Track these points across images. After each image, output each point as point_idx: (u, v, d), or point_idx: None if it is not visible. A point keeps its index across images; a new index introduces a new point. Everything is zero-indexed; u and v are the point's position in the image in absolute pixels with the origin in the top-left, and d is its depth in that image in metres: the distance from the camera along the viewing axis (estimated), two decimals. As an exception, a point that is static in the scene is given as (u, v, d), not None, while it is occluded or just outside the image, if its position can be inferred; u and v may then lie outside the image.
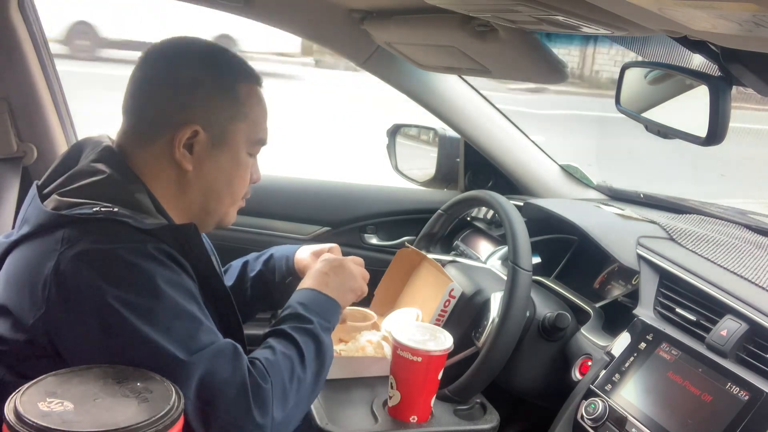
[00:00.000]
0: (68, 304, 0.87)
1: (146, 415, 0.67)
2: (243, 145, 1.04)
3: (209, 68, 1.03)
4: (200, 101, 1.01)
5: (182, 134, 0.99)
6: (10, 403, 0.66)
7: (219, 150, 1.02)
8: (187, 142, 1.00)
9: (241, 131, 1.03)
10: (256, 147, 1.08)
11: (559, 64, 1.21)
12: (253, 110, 1.05)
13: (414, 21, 1.29)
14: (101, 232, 0.90)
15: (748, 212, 1.52)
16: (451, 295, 1.33)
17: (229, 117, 1.02)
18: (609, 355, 1.16)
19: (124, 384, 0.72)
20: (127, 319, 0.86)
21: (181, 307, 0.90)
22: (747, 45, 0.73)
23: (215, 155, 1.02)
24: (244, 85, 1.04)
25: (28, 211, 0.97)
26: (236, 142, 1.03)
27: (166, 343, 0.86)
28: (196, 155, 1.01)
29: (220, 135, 1.02)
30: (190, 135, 1.00)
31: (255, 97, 1.05)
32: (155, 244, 0.91)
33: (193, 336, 0.89)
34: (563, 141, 4.75)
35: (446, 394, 1.21)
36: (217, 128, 1.01)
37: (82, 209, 0.92)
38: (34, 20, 1.59)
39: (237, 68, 1.05)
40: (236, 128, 1.03)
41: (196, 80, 1.01)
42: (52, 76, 1.65)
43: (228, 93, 1.02)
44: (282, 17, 1.56)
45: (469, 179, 1.93)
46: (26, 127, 1.60)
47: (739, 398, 0.95)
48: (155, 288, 0.88)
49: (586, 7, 0.73)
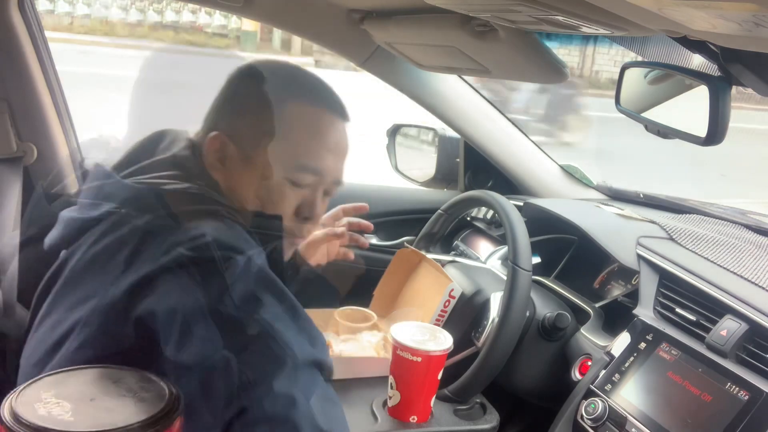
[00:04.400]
0: (141, 259, 0.83)
1: (144, 415, 0.67)
2: (277, 168, 0.97)
3: (259, 85, 0.99)
4: (237, 114, 0.98)
5: (210, 143, 0.96)
6: (7, 403, 0.66)
7: (249, 166, 0.96)
8: (219, 153, 0.96)
9: (275, 152, 0.96)
10: (298, 174, 0.97)
11: (559, 64, 1.21)
12: (298, 131, 0.97)
13: (414, 21, 1.29)
14: (190, 201, 0.89)
15: (748, 212, 1.52)
16: (450, 295, 1.33)
17: (263, 134, 0.96)
18: (609, 355, 1.16)
19: (121, 384, 0.72)
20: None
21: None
22: (747, 45, 0.73)
23: (245, 171, 0.97)
24: (297, 104, 0.97)
25: (108, 188, 0.92)
26: (266, 162, 0.96)
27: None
28: (227, 168, 0.97)
29: (251, 151, 0.96)
30: (218, 146, 0.96)
31: (306, 119, 0.98)
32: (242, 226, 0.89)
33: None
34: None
35: (446, 394, 1.21)
36: (248, 143, 0.96)
37: (173, 185, 0.90)
38: (34, 20, 1.59)
39: (296, 89, 1.00)
40: (268, 147, 0.96)
41: (241, 93, 0.99)
42: (52, 76, 1.65)
43: (268, 110, 0.96)
44: (281, 17, 1.55)
45: (469, 179, 1.93)
46: (26, 127, 1.60)
47: (739, 398, 0.95)
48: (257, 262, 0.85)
49: (586, 7, 0.72)
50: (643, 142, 2.67)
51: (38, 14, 1.62)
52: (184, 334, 0.80)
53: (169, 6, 12.23)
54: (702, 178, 6.68)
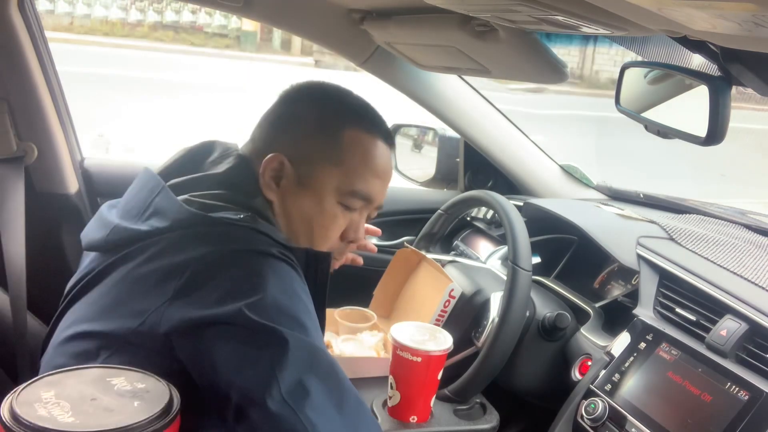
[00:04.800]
0: (192, 296, 0.82)
1: (143, 415, 0.67)
2: (331, 192, 0.99)
3: (318, 108, 1.01)
4: (296, 137, 0.99)
5: (268, 161, 0.97)
6: (6, 404, 0.66)
7: (304, 189, 0.98)
8: (276, 174, 0.98)
9: (331, 176, 0.98)
10: (351, 199, 1.00)
11: (559, 64, 1.21)
12: (353, 158, 0.99)
13: (414, 21, 1.29)
14: (245, 237, 0.87)
15: (748, 212, 1.52)
16: (450, 295, 1.33)
17: (320, 158, 0.98)
18: (609, 355, 1.16)
19: (121, 384, 0.72)
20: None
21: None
22: (747, 45, 0.73)
23: (299, 194, 0.98)
24: (352, 131, 1.00)
25: (159, 202, 0.91)
26: (323, 186, 0.98)
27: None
28: (282, 188, 0.98)
29: (307, 174, 0.98)
30: (276, 166, 0.97)
31: (361, 146, 1.00)
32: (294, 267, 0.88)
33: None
34: (563, 141, 4.75)
35: (446, 394, 1.21)
36: (305, 167, 0.98)
37: (227, 213, 0.89)
38: (34, 20, 1.59)
39: (351, 114, 1.02)
40: (326, 172, 0.98)
41: (300, 117, 1.00)
42: (52, 76, 1.65)
43: (327, 135, 0.99)
44: (281, 17, 1.56)
45: (469, 179, 1.93)
46: (26, 127, 1.60)
47: (738, 398, 0.95)
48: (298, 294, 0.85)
49: (586, 7, 0.72)
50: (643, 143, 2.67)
51: (38, 14, 1.62)
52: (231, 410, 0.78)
53: (169, 6, 12.24)
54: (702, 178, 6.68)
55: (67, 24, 11.80)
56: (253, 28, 12.60)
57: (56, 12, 11.77)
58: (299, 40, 11.12)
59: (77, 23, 12.00)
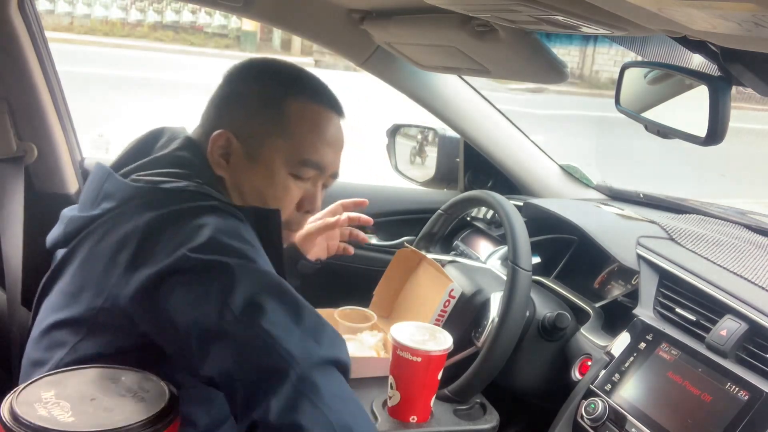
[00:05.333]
0: (142, 262, 0.84)
1: (143, 415, 0.67)
2: (281, 164, 1.00)
3: (260, 83, 1.02)
4: (240, 113, 1.00)
5: (215, 140, 0.99)
6: (6, 404, 0.66)
7: (253, 163, 1.00)
8: (223, 151, 0.99)
9: (278, 148, 0.99)
10: (302, 169, 1.01)
11: (559, 64, 1.21)
12: (299, 128, 1.00)
13: (414, 21, 1.29)
14: (188, 197, 0.90)
15: (748, 212, 1.52)
16: (450, 295, 1.33)
17: (266, 131, 0.99)
18: (609, 355, 1.16)
19: (121, 384, 0.72)
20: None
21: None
22: (747, 45, 0.73)
23: (250, 168, 1.00)
24: (297, 101, 1.01)
25: (107, 187, 0.94)
26: (271, 159, 1.00)
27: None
28: (232, 165, 1.00)
29: (255, 148, 0.99)
30: (223, 143, 0.99)
31: (306, 116, 1.01)
32: (242, 229, 0.89)
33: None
34: (563, 141, 4.75)
35: (446, 394, 1.21)
36: (252, 141, 0.99)
37: (172, 184, 0.92)
38: (34, 20, 1.59)
39: (294, 85, 1.02)
40: (273, 144, 0.99)
41: (243, 93, 1.02)
42: (52, 76, 1.65)
43: (271, 107, 1.00)
44: (281, 17, 1.56)
45: (468, 179, 1.92)
46: (26, 127, 1.60)
47: (738, 398, 0.95)
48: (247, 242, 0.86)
49: (586, 7, 0.72)
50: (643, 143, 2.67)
51: (38, 14, 1.62)
52: (193, 347, 0.80)
53: (169, 6, 12.24)
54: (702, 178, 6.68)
55: (67, 24, 11.80)
56: (253, 28, 12.61)
57: (56, 12, 11.78)
58: (299, 40, 11.13)
59: (77, 23, 12.00)
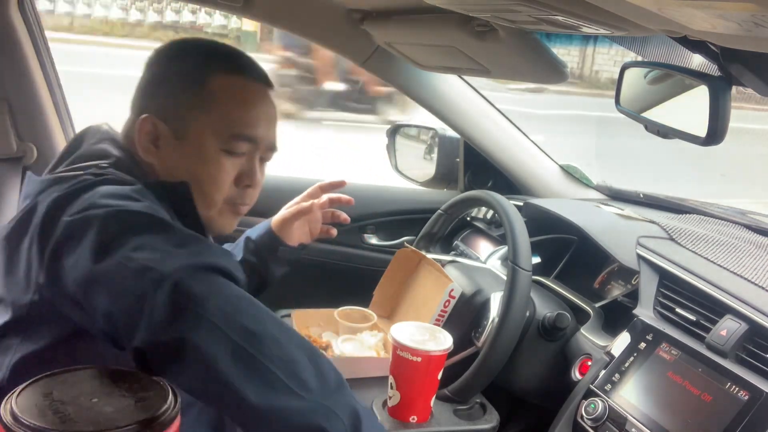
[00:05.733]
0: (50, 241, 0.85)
1: (143, 415, 0.67)
2: (210, 140, 0.99)
3: (179, 63, 1.02)
4: (163, 94, 1.00)
5: (141, 125, 0.99)
6: (7, 404, 0.66)
7: (183, 143, 1.00)
8: (151, 135, 0.99)
9: (205, 124, 0.99)
10: (233, 143, 1.00)
11: (559, 64, 1.21)
12: (225, 102, 0.99)
13: (414, 21, 1.29)
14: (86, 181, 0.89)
15: (748, 212, 1.52)
16: (450, 295, 1.33)
17: (189, 108, 0.99)
18: (609, 355, 1.16)
19: (121, 384, 0.72)
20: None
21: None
22: (747, 45, 0.73)
23: (180, 150, 1.00)
24: (220, 76, 1.00)
25: (25, 189, 0.96)
26: (200, 136, 0.99)
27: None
28: (161, 149, 1.00)
29: (183, 128, 0.99)
30: (149, 128, 0.99)
31: (231, 90, 1.00)
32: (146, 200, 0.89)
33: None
34: (563, 141, 4.75)
35: (446, 394, 1.21)
36: (179, 122, 0.99)
37: (74, 173, 0.92)
38: (34, 20, 1.59)
39: (215, 60, 1.02)
40: (200, 121, 0.99)
41: (163, 76, 1.01)
42: (52, 76, 1.65)
43: (193, 85, 0.99)
44: (281, 17, 1.56)
45: (469, 179, 1.92)
46: (26, 127, 1.60)
47: (739, 398, 0.95)
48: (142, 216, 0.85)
49: (586, 7, 0.73)
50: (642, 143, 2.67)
51: (38, 14, 1.62)
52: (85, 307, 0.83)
53: (169, 6, 12.21)
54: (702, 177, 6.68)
55: (67, 24, 11.79)
56: (253, 28, 12.58)
57: (56, 12, 11.76)
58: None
59: (77, 23, 11.98)
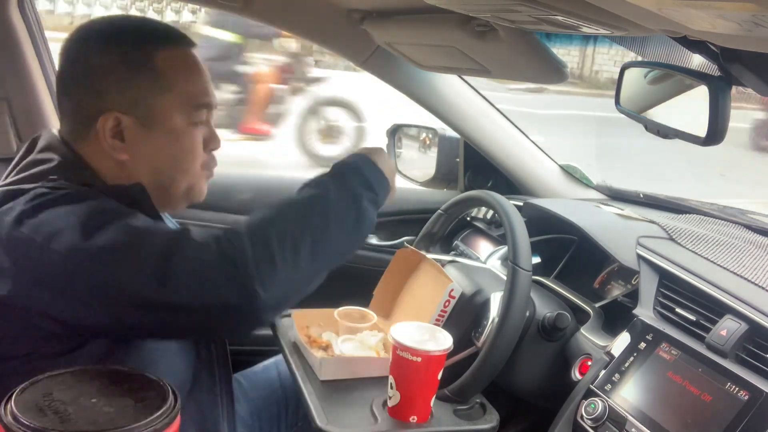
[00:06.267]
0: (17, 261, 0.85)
1: (143, 415, 0.67)
2: (178, 117, 0.97)
3: (117, 47, 0.96)
4: (114, 85, 0.95)
5: (104, 124, 0.95)
6: (7, 404, 0.66)
7: (152, 130, 0.97)
8: (115, 130, 0.95)
9: (170, 104, 0.97)
10: (197, 114, 0.99)
11: (559, 64, 1.21)
12: (179, 77, 0.98)
13: (414, 21, 1.29)
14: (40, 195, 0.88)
15: (748, 212, 1.52)
16: (450, 295, 1.33)
17: (150, 92, 0.96)
18: (609, 355, 1.16)
19: (121, 384, 0.72)
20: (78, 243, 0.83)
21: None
22: (747, 45, 0.73)
23: (150, 137, 0.97)
24: (162, 53, 0.97)
25: None
26: (169, 117, 0.97)
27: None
28: (129, 142, 0.96)
29: (148, 114, 0.96)
30: (113, 123, 0.95)
31: (178, 62, 0.98)
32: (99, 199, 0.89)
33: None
34: (563, 141, 4.75)
35: (446, 394, 1.21)
36: (141, 109, 0.96)
37: (24, 185, 0.90)
38: (34, 20, 1.59)
39: (149, 38, 0.98)
40: (163, 102, 0.96)
41: (105, 64, 0.96)
42: (52, 76, 1.65)
43: (142, 67, 0.96)
44: (281, 17, 1.56)
45: (468, 179, 1.92)
46: (26, 127, 1.60)
47: (738, 398, 0.95)
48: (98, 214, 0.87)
49: (586, 7, 0.73)
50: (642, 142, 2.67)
51: (38, 14, 1.62)
52: None
53: (169, 6, 12.20)
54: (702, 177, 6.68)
55: (67, 24, 11.78)
56: (253, 28, 12.58)
57: (56, 12, 11.76)
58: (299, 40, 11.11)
59: (77, 23, 11.98)
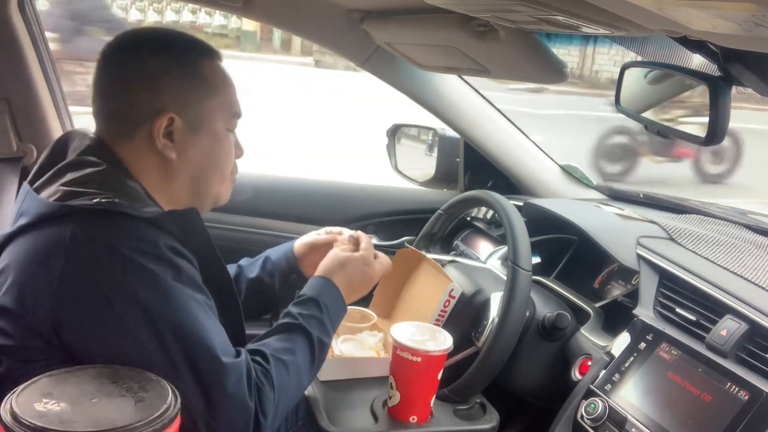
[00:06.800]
0: (79, 301, 0.87)
1: (143, 415, 0.67)
2: (220, 123, 1.04)
3: (169, 51, 1.02)
4: (168, 87, 1.00)
5: (159, 124, 0.99)
6: (6, 404, 0.66)
7: (198, 133, 1.02)
8: (165, 131, 1.00)
9: (214, 109, 1.03)
10: (232, 121, 1.07)
11: (559, 64, 1.21)
12: (221, 85, 1.05)
13: (414, 21, 1.29)
14: (106, 229, 0.90)
15: (748, 212, 1.52)
16: (450, 295, 1.33)
17: (199, 98, 1.02)
18: (609, 355, 1.16)
19: (121, 384, 0.72)
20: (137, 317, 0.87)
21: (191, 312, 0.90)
22: (747, 45, 0.73)
23: (196, 139, 1.02)
24: (206, 62, 1.04)
25: (24, 205, 0.96)
26: (213, 121, 1.03)
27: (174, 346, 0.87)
28: (178, 142, 1.01)
29: (196, 117, 1.02)
30: (167, 123, 0.99)
31: (220, 72, 1.05)
32: (159, 238, 0.91)
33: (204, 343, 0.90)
34: (563, 141, 4.75)
35: (446, 394, 1.21)
36: (191, 112, 1.01)
37: (81, 200, 0.91)
38: (34, 20, 1.59)
39: (195, 47, 1.05)
40: (209, 107, 1.03)
41: (160, 67, 1.01)
42: (52, 76, 1.65)
43: (193, 74, 1.02)
44: (281, 17, 1.56)
45: (468, 179, 1.92)
46: (26, 127, 1.60)
47: (738, 398, 0.95)
48: (164, 290, 0.89)
49: (586, 7, 0.73)
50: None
51: (38, 14, 1.62)
52: None
53: (169, 6, 12.20)
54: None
55: (67, 24, 11.78)
56: (253, 28, 12.59)
57: (56, 12, 11.76)
58: (299, 39, 11.12)
59: (77, 23, 11.97)
